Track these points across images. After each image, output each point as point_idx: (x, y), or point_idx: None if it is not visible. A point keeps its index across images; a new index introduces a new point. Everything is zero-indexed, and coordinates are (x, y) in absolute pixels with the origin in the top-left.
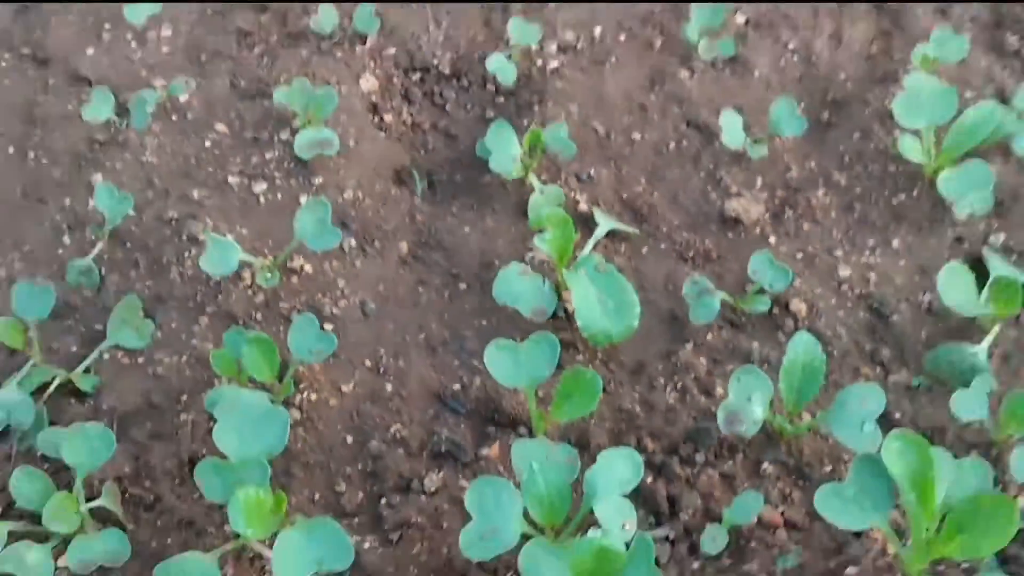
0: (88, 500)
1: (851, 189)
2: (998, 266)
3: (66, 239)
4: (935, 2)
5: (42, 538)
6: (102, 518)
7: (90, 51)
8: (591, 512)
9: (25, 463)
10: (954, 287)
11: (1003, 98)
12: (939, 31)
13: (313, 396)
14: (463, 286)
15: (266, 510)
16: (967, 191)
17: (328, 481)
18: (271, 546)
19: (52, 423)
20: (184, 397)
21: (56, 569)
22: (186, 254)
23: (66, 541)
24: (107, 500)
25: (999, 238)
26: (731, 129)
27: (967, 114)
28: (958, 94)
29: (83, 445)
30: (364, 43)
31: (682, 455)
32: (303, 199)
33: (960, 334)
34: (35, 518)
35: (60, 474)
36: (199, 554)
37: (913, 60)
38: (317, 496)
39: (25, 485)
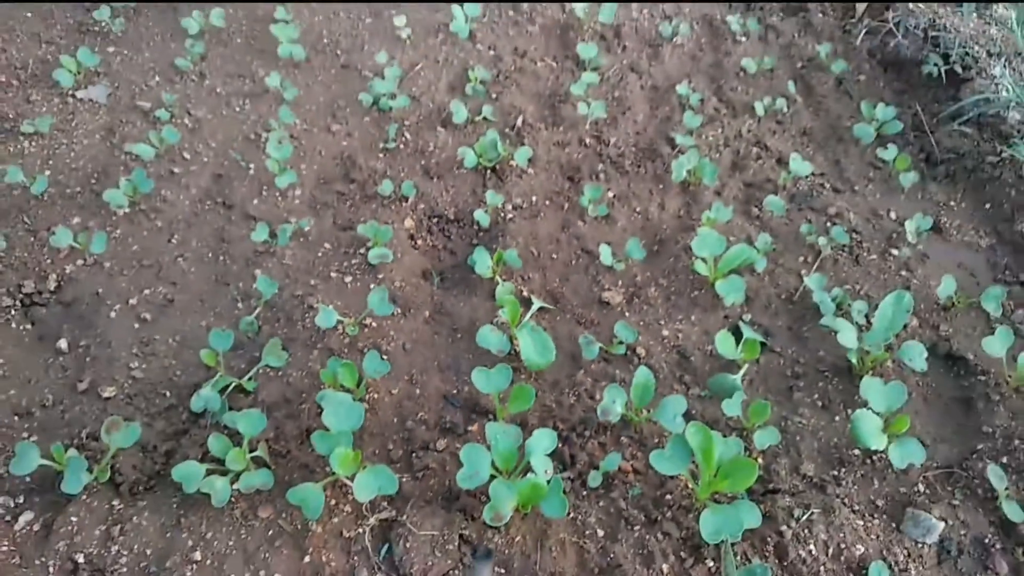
0: (250, 452)
1: (669, 288)
2: (747, 332)
3: (240, 305)
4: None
5: (224, 474)
6: (258, 463)
7: (255, 201)
8: (528, 464)
9: (215, 431)
10: (723, 343)
11: (751, 242)
12: (716, 206)
13: (376, 396)
14: (459, 336)
15: (350, 460)
16: (731, 292)
17: (383, 444)
18: (352, 480)
19: (230, 408)
20: (304, 395)
21: (231, 491)
22: (306, 315)
23: (237, 475)
24: (261, 452)
25: (748, 317)
26: (605, 254)
27: (731, 250)
28: (725, 239)
29: (248, 421)
30: (407, 201)
31: (578, 432)
32: (372, 286)
33: (727, 368)
34: (220, 462)
35: (235, 437)
36: (312, 484)
37: (702, 220)
38: (377, 452)
39: (215, 443)
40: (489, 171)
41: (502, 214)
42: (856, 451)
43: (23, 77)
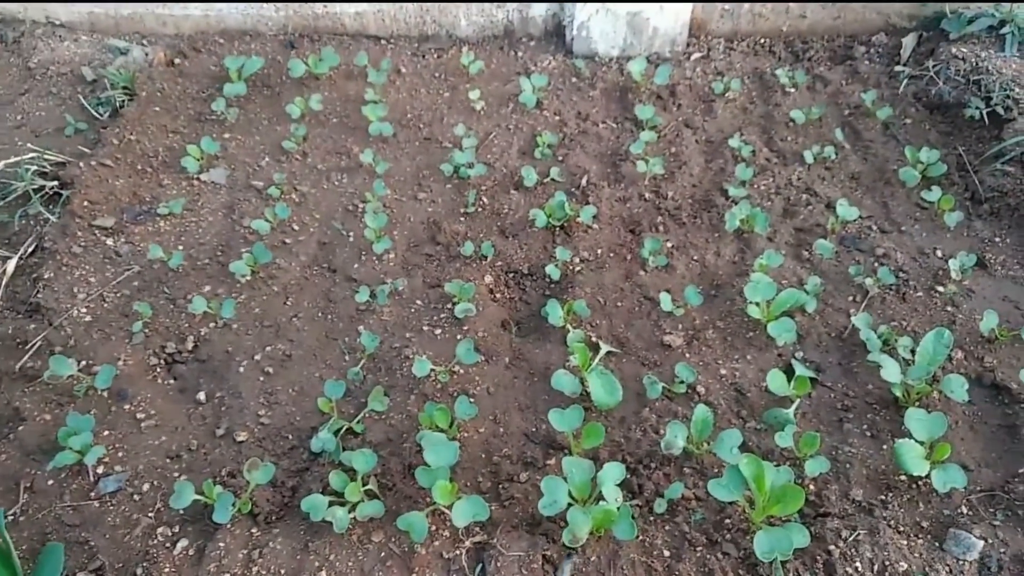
0: (363, 486)
1: (725, 331)
2: (799, 368)
3: (346, 358)
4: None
5: (343, 504)
6: (370, 495)
7: (356, 265)
8: (601, 493)
9: (333, 468)
10: (775, 381)
11: (801, 284)
12: (768, 252)
13: (466, 434)
14: (536, 379)
15: (448, 491)
16: (782, 332)
17: (474, 476)
18: (450, 508)
19: (344, 449)
20: (404, 435)
21: (349, 519)
22: (404, 365)
23: (354, 506)
24: (372, 486)
25: (800, 354)
26: (665, 301)
27: (781, 295)
28: (776, 284)
29: (362, 459)
30: (486, 259)
31: (644, 464)
32: (459, 337)
33: (780, 403)
34: (339, 494)
35: (349, 472)
36: (417, 512)
37: (755, 266)
38: (468, 484)
39: (335, 479)
40: (558, 228)
41: (571, 267)
42: (903, 477)
43: (155, 164)
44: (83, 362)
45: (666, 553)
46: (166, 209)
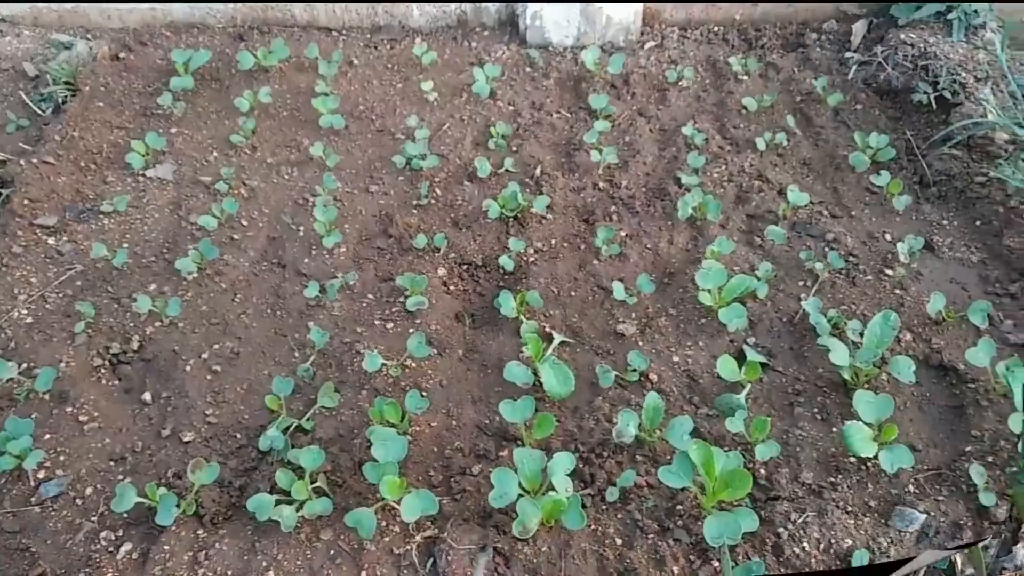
0: (311, 484)
1: (677, 318)
2: (750, 353)
3: (296, 355)
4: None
5: (291, 503)
6: (318, 492)
7: (306, 260)
8: (551, 483)
9: (281, 467)
10: (725, 367)
11: (753, 270)
12: (719, 239)
13: (418, 428)
14: (489, 371)
15: (397, 486)
16: (733, 319)
17: (425, 471)
18: (400, 503)
19: (293, 446)
20: (355, 431)
21: (297, 518)
22: (355, 360)
23: (301, 504)
24: (321, 483)
25: (752, 340)
26: (618, 290)
27: (733, 280)
28: (727, 271)
29: (309, 457)
30: (439, 251)
31: (596, 452)
32: (411, 331)
33: (731, 389)
34: (287, 493)
35: (298, 471)
36: (366, 508)
37: (706, 253)
38: (420, 478)
39: (282, 477)
40: (512, 219)
41: (524, 258)
42: (852, 459)
43: (99, 161)
44: (24, 365)
45: (618, 541)
46: (110, 206)
